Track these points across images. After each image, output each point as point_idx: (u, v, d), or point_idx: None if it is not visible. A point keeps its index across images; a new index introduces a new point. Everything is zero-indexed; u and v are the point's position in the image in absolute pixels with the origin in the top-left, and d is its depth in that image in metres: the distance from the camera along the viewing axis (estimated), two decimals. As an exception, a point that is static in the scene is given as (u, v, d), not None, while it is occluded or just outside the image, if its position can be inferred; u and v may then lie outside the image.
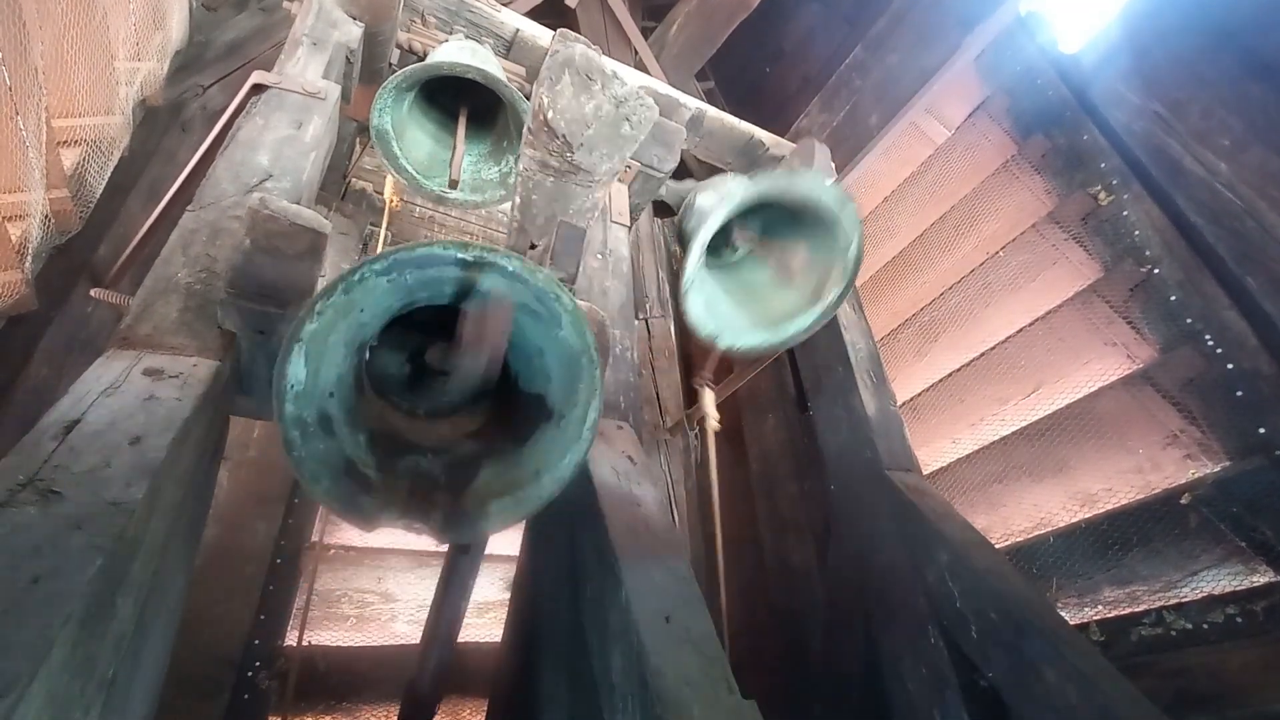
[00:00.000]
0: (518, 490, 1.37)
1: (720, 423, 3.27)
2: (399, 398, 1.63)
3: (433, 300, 1.35)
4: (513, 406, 1.53)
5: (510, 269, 1.26)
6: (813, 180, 2.01)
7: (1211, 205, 2.67)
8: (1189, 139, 2.79)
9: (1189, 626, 2.39)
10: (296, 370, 1.16)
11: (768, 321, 2.17)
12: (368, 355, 1.53)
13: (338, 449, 1.29)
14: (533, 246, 1.83)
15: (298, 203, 1.61)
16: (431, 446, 1.50)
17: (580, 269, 1.80)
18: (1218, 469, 2.48)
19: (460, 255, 1.23)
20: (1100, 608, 2.69)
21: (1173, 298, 2.72)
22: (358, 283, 1.18)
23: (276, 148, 1.79)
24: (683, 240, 2.64)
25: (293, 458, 1.20)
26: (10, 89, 1.87)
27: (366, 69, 2.57)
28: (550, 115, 1.57)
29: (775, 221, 2.32)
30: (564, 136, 1.60)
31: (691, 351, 5.02)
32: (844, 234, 2.10)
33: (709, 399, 3.27)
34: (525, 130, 1.66)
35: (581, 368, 1.33)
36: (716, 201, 1.95)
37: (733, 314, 2.19)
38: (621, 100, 1.62)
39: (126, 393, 1.18)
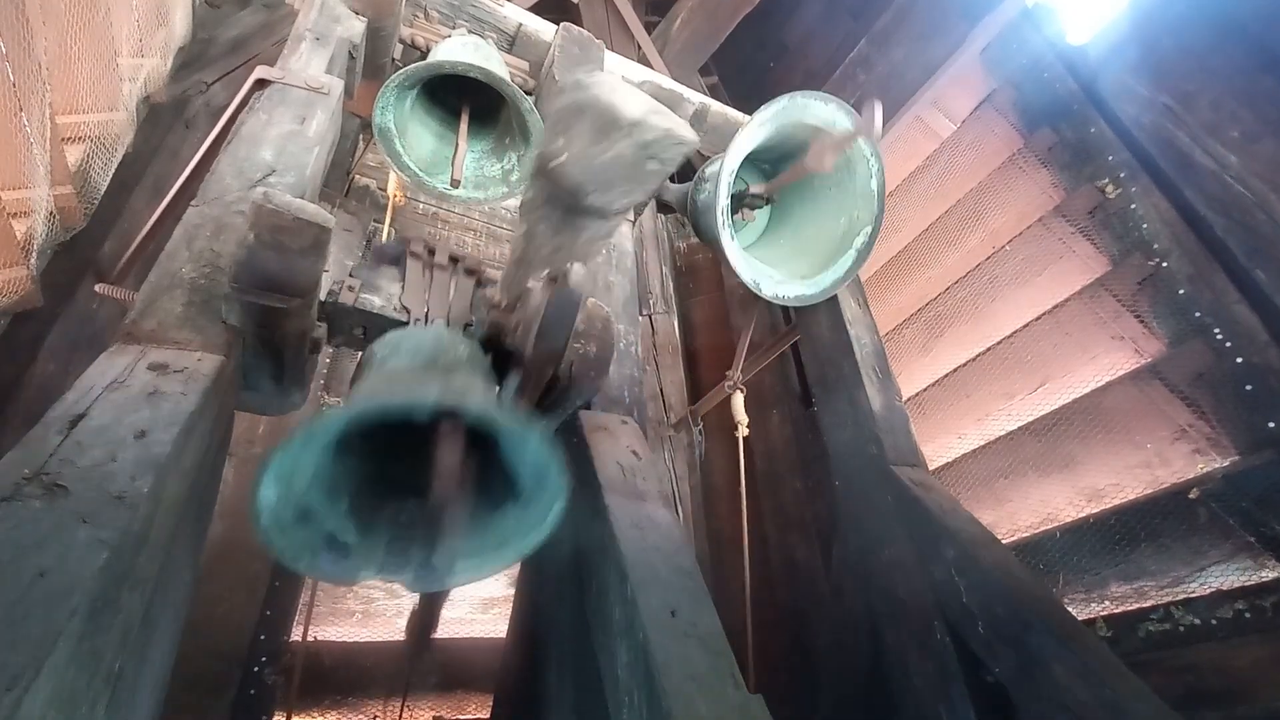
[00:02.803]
0: (483, 555, 1.38)
1: (749, 426, 3.26)
2: (378, 453, 1.61)
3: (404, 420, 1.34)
4: (492, 463, 1.51)
5: (475, 414, 1.23)
6: (821, 104, 1.80)
7: (1221, 198, 2.64)
8: (1199, 131, 2.76)
9: (1197, 622, 2.37)
10: (268, 494, 1.16)
11: (804, 273, 2.07)
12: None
13: (317, 530, 1.30)
14: (508, 308, 1.63)
15: (301, 198, 1.61)
16: (410, 493, 1.49)
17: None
18: (1227, 464, 2.46)
19: (424, 404, 1.20)
20: (1107, 604, 2.67)
21: (1182, 291, 2.70)
22: (320, 433, 1.18)
23: (280, 143, 1.78)
24: (696, 214, 2.53)
25: (274, 548, 1.21)
26: (14, 85, 1.87)
27: (369, 64, 2.56)
28: (561, 162, 1.34)
29: (785, 169, 2.22)
30: (578, 184, 1.37)
31: (696, 347, 5.02)
32: (863, 167, 1.96)
33: (738, 404, 3.26)
34: (531, 172, 1.45)
35: (549, 477, 1.31)
36: (726, 154, 1.83)
37: (768, 267, 2.10)
38: (648, 145, 1.34)
39: (131, 387, 1.18)
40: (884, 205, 1.93)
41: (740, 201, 2.52)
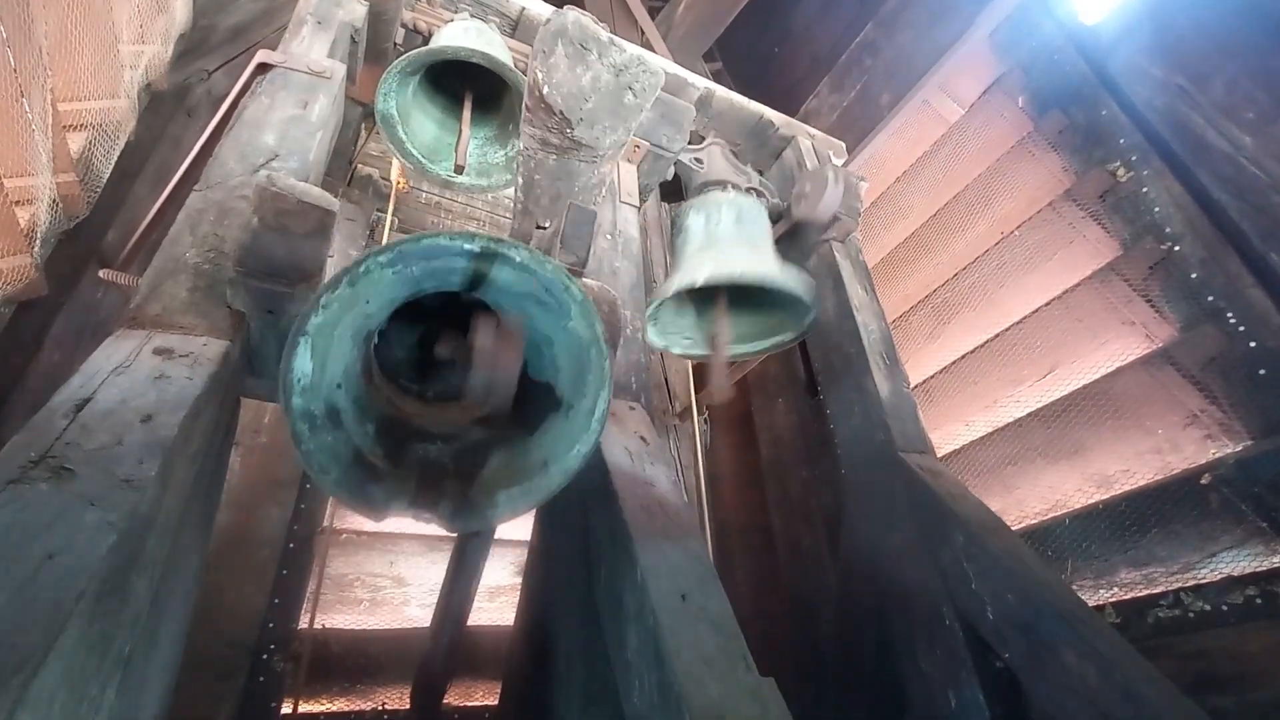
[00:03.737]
0: (525, 480, 1.36)
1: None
2: (408, 381, 1.61)
3: (440, 289, 1.33)
4: (522, 393, 1.51)
5: (518, 260, 1.23)
6: (792, 278, 2.18)
7: (1236, 180, 2.60)
8: (1213, 112, 2.72)
9: (1207, 608, 2.36)
10: (303, 364, 1.15)
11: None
12: (376, 339, 1.51)
13: (346, 440, 1.28)
14: (541, 228, 1.78)
15: (305, 182, 1.59)
16: (440, 433, 1.49)
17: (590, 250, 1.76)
18: (1239, 449, 2.44)
19: (467, 246, 1.20)
20: (1116, 590, 2.66)
21: (1194, 275, 2.67)
22: (363, 275, 1.16)
23: (283, 127, 1.77)
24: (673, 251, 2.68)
25: (301, 450, 1.20)
26: (15, 70, 1.85)
27: (371, 49, 2.54)
28: (546, 91, 1.46)
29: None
30: (562, 112, 1.49)
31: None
32: (807, 310, 2.36)
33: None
34: (524, 108, 1.59)
35: (590, 359, 1.31)
36: (697, 266, 1.98)
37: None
38: (622, 68, 1.50)
39: (137, 371, 1.17)
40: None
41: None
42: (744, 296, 2.57)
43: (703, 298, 2.64)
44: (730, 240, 2.56)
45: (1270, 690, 2.10)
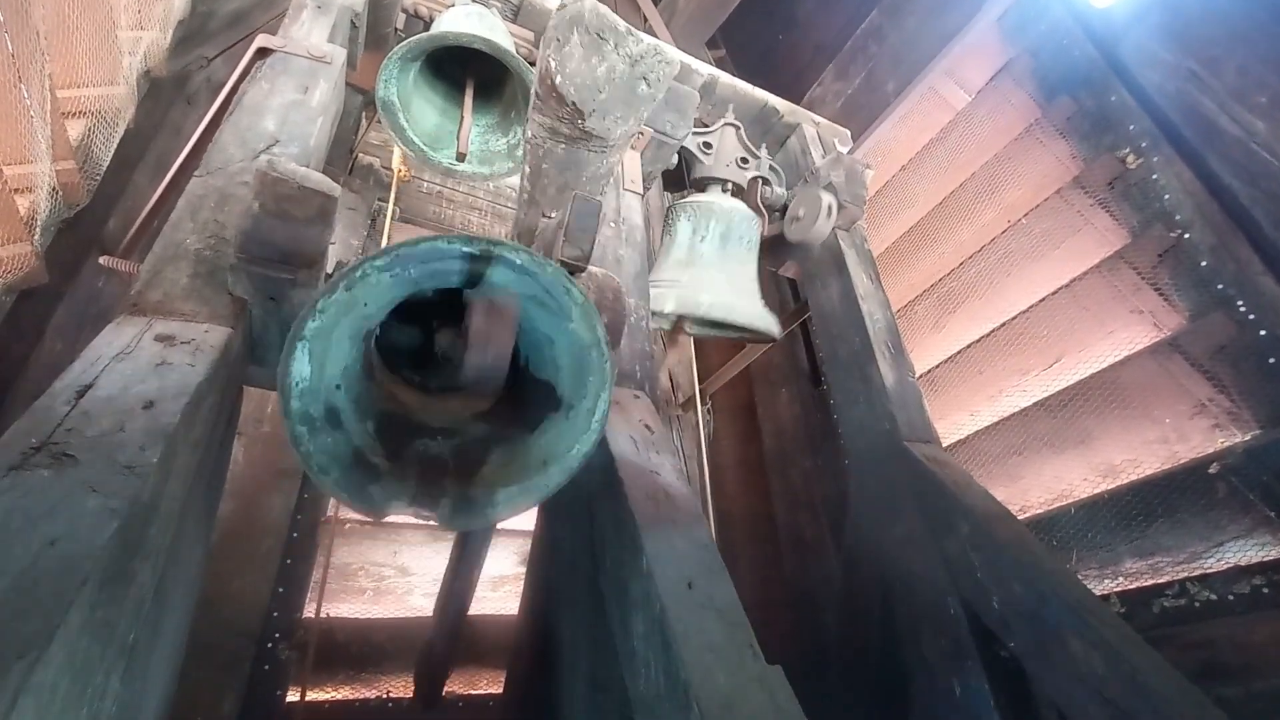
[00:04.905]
0: (525, 479, 1.36)
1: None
2: (409, 373, 1.60)
3: (439, 288, 1.32)
4: (523, 389, 1.50)
5: (519, 262, 1.22)
6: (758, 317, 2.36)
7: (1247, 166, 2.57)
8: (1224, 97, 2.68)
9: (1213, 598, 2.35)
10: (300, 368, 1.14)
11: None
12: (377, 331, 1.50)
13: (345, 440, 1.27)
14: (547, 217, 1.76)
15: (306, 168, 1.57)
16: (441, 427, 1.48)
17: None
18: (1248, 438, 2.42)
19: (465, 249, 1.18)
20: (1121, 580, 2.66)
21: (1204, 263, 2.64)
22: (360, 279, 1.14)
23: (283, 113, 1.75)
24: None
25: (300, 453, 1.19)
26: (13, 55, 1.83)
27: (372, 34, 2.51)
28: (559, 80, 1.42)
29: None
30: (574, 103, 1.44)
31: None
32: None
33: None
34: (533, 95, 1.55)
35: (591, 361, 1.30)
36: (667, 290, 2.14)
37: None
38: (638, 58, 1.49)
39: (138, 358, 1.16)
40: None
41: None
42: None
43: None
44: (710, 263, 2.65)
45: (1276, 680, 2.09)
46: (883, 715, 2.42)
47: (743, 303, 2.61)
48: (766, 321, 2.66)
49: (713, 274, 2.64)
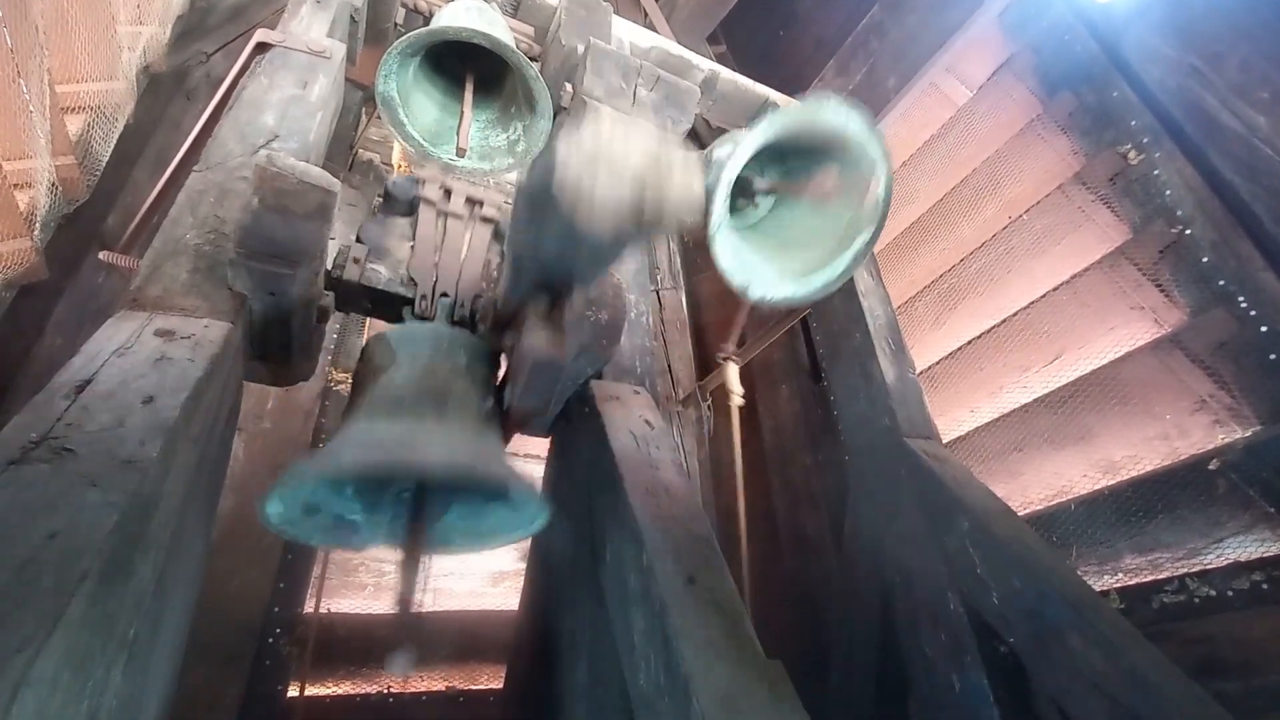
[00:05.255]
0: (477, 537, 1.41)
1: (744, 398, 3.23)
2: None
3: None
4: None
5: (455, 475, 1.25)
6: (834, 110, 1.81)
7: (1249, 162, 2.56)
8: (1226, 93, 2.67)
9: (1213, 593, 2.35)
10: (275, 509, 1.17)
11: (797, 272, 2.08)
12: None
13: (326, 515, 1.32)
14: (505, 323, 1.58)
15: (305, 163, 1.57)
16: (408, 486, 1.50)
17: None
18: (1248, 434, 2.42)
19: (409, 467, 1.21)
20: (1121, 576, 2.66)
21: (1205, 259, 2.63)
22: (306, 480, 1.19)
23: (282, 107, 1.74)
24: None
25: (286, 537, 1.26)
26: (12, 50, 1.83)
27: (371, 29, 2.50)
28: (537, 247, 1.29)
29: (797, 168, 2.22)
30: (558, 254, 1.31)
31: (704, 323, 4.98)
32: (871, 169, 1.95)
33: (732, 374, 3.22)
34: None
35: (530, 507, 1.33)
36: (734, 148, 1.84)
37: (761, 266, 2.11)
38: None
39: (138, 353, 1.16)
40: (888, 211, 1.90)
41: (744, 189, 2.52)
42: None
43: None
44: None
45: (1276, 675, 2.10)
46: (882, 710, 2.43)
47: None
48: None
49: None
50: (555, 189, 0.98)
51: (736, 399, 3.08)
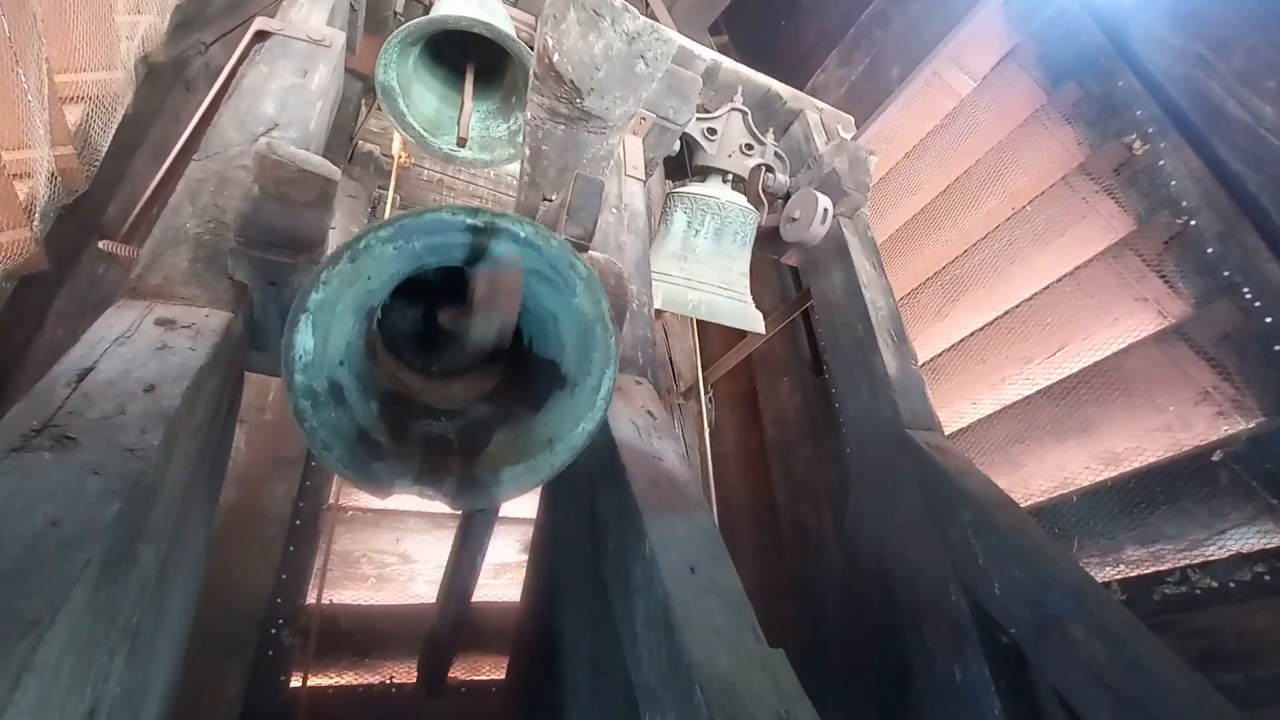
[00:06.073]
0: (530, 458, 1.36)
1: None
2: (412, 356, 1.60)
3: (443, 263, 1.31)
4: (527, 370, 1.50)
5: (522, 235, 1.21)
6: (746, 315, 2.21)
7: (1255, 152, 2.54)
8: (1233, 82, 2.64)
9: (1214, 585, 2.35)
10: (304, 340, 1.14)
11: None
12: (380, 315, 1.49)
13: (350, 417, 1.27)
14: (548, 200, 1.75)
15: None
16: (445, 409, 1.48)
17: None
18: (1252, 425, 2.41)
19: (470, 221, 1.18)
20: (1123, 567, 2.66)
21: (1210, 250, 2.61)
22: (364, 250, 1.14)
23: (282, 96, 1.73)
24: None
25: (304, 427, 1.19)
26: (10, 38, 1.81)
27: (371, 18, 2.49)
28: (556, 59, 1.41)
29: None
30: (572, 81, 1.44)
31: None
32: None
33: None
34: (531, 76, 1.54)
35: (596, 336, 1.30)
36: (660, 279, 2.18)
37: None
38: (634, 36, 1.46)
39: (139, 342, 1.15)
40: None
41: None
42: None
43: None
44: (702, 259, 2.70)
45: (1277, 667, 2.10)
46: (884, 701, 2.43)
47: (730, 304, 2.69)
48: (751, 321, 2.77)
49: (704, 270, 2.69)
50: None
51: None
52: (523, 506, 2.86)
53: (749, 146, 2.90)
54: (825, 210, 2.68)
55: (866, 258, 2.86)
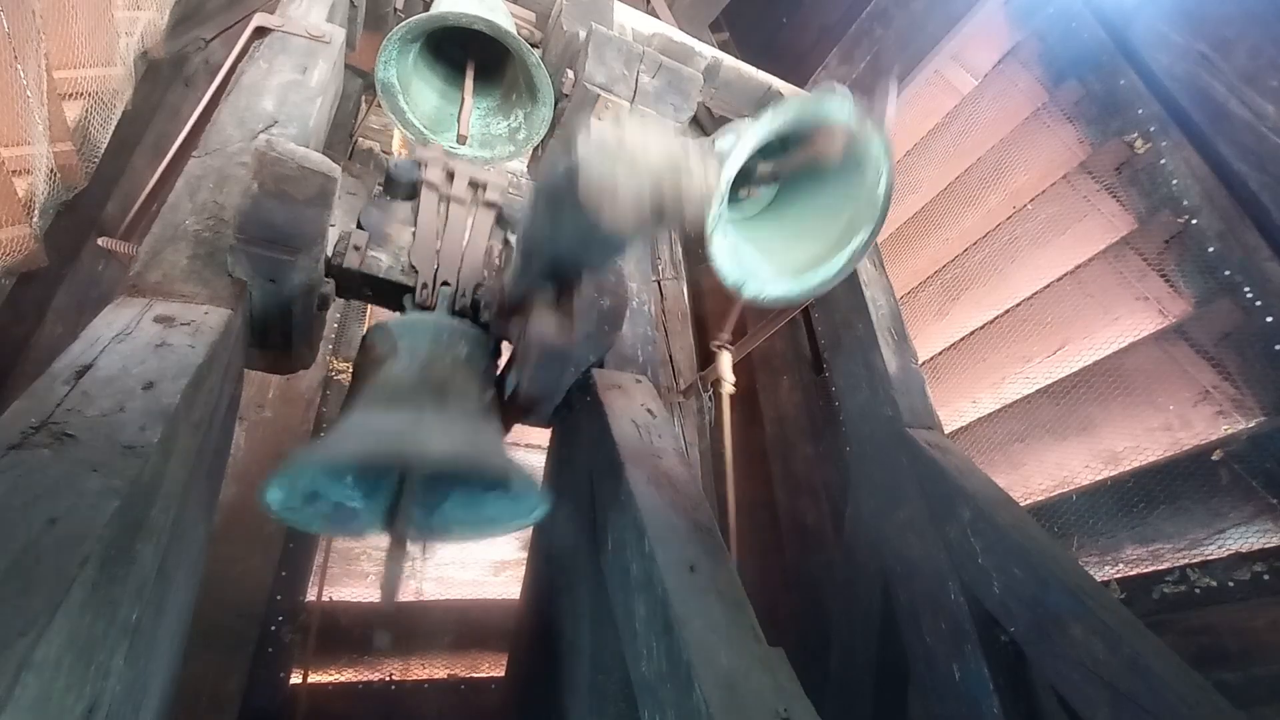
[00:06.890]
0: (475, 525, 1.42)
1: (735, 386, 3.23)
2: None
3: None
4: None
5: (452, 466, 1.24)
6: (838, 104, 1.80)
7: (1257, 151, 2.53)
8: (1235, 80, 2.63)
9: (1213, 584, 2.35)
10: (275, 496, 1.18)
11: (793, 269, 2.08)
12: None
13: (326, 502, 1.33)
14: (511, 310, 1.58)
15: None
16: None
17: None
18: (1252, 425, 2.41)
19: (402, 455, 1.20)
20: (1122, 566, 2.66)
21: (1211, 249, 2.61)
22: (306, 468, 1.21)
23: (282, 93, 1.73)
24: None
25: (287, 524, 1.32)
26: (9, 34, 1.81)
27: (371, 14, 2.48)
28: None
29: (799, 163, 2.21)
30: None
31: (705, 313, 4.96)
32: (872, 168, 1.94)
33: (725, 362, 3.22)
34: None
35: (529, 497, 1.33)
36: (735, 140, 1.83)
37: (757, 262, 2.11)
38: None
39: (138, 339, 1.15)
40: (888, 209, 1.88)
41: (747, 179, 2.52)
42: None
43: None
44: None
45: (1276, 666, 2.10)
46: (882, 698, 2.44)
47: None
48: None
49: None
50: (580, 189, 1.00)
51: (728, 387, 3.09)
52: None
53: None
54: None
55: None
